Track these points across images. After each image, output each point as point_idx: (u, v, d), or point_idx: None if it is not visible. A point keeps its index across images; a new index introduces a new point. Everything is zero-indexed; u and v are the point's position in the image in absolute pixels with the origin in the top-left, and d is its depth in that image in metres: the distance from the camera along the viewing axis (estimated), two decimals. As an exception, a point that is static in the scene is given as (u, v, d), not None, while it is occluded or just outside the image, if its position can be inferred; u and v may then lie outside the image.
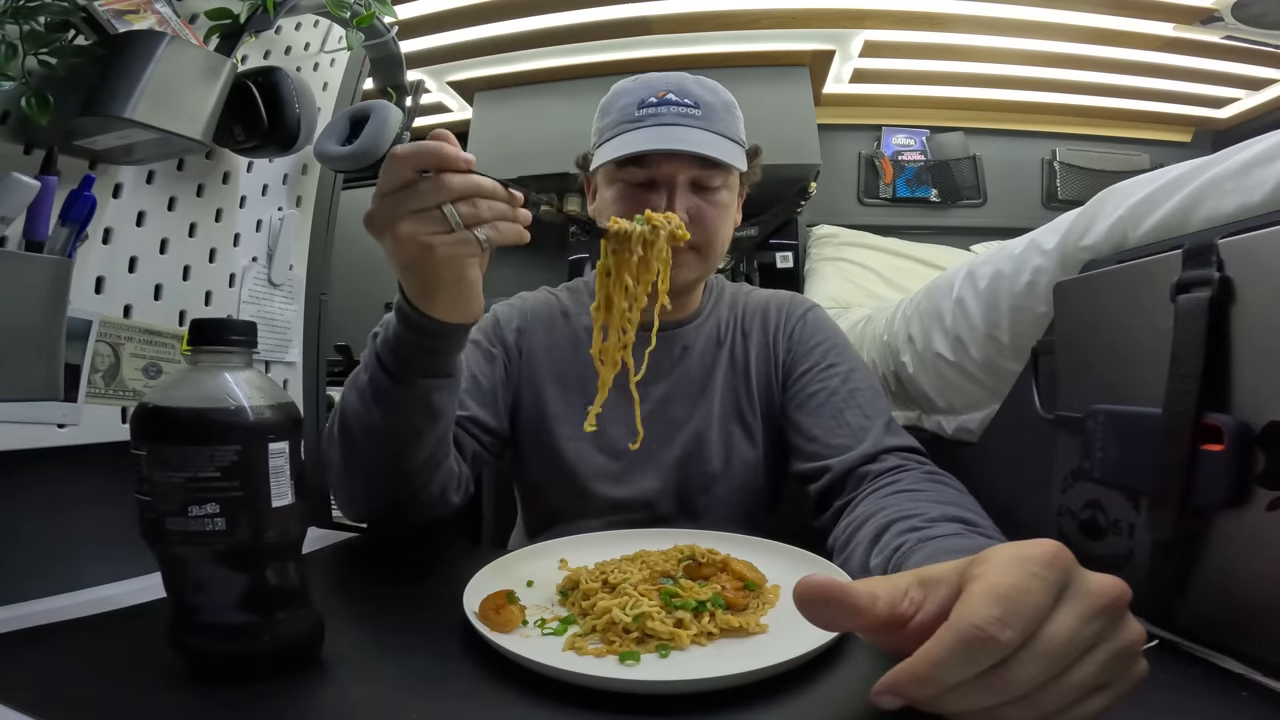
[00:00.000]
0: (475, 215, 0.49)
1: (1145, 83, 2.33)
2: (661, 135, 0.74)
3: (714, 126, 0.76)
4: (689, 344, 0.84)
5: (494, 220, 0.50)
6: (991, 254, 0.82)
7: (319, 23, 0.82)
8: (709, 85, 0.80)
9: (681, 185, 0.75)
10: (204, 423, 0.37)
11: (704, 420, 0.80)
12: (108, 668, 0.42)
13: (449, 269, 0.52)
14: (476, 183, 0.49)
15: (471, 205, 0.49)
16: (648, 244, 0.59)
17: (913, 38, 2.13)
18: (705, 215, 0.76)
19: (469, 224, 0.49)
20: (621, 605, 0.45)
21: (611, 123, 0.78)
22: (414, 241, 0.49)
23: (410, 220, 0.49)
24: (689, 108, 0.75)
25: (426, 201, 0.48)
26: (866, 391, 0.76)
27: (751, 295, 0.90)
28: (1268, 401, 0.37)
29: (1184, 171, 0.54)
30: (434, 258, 0.50)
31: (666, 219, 0.60)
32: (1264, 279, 0.38)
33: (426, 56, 2.23)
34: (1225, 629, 0.39)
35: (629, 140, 0.74)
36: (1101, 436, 0.48)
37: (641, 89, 0.77)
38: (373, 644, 0.46)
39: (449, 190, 0.48)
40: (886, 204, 2.66)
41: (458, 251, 0.50)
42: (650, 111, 0.75)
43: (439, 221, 0.48)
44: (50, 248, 0.55)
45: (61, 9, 0.53)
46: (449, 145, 0.48)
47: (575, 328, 0.85)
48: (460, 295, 0.54)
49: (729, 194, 0.79)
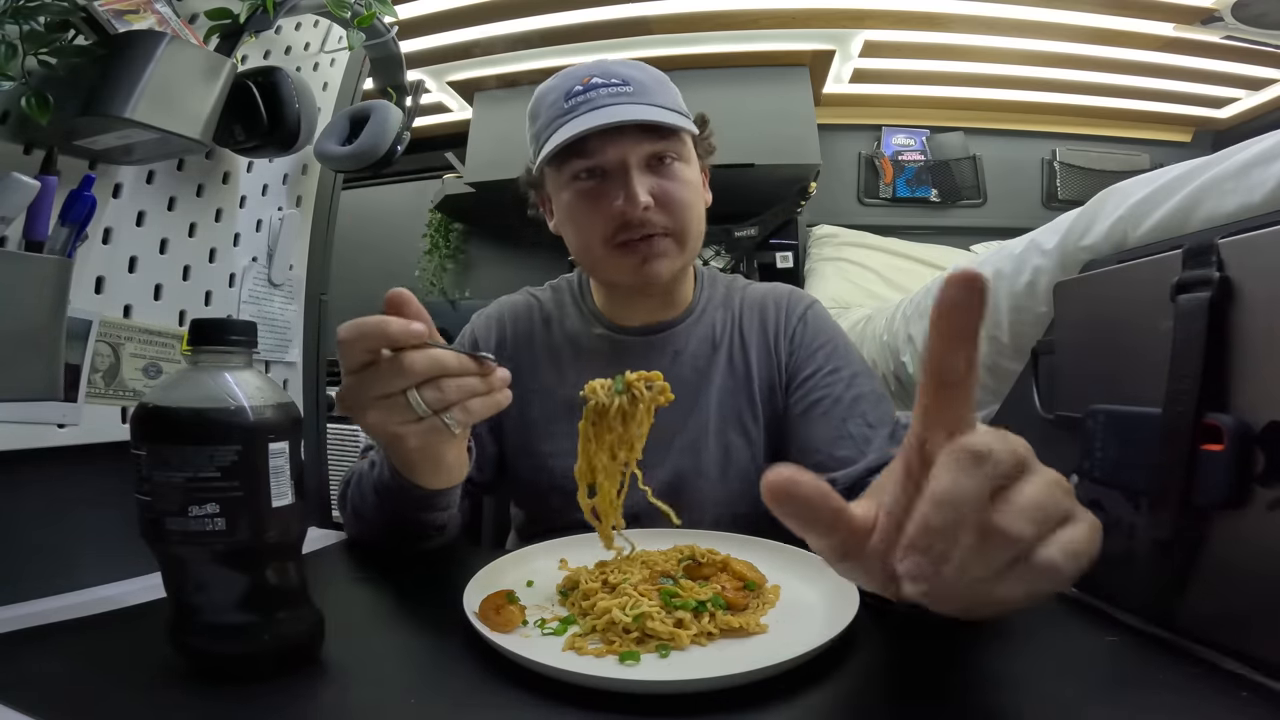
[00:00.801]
0: (442, 400, 0.45)
1: (1145, 83, 2.33)
2: (596, 116, 0.69)
3: (650, 99, 0.71)
4: (680, 348, 0.79)
5: (463, 400, 0.46)
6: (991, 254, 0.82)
7: (319, 23, 0.82)
8: (636, 64, 0.75)
9: (636, 167, 0.70)
10: (204, 423, 0.37)
11: (698, 430, 0.76)
12: (108, 668, 0.42)
13: (422, 454, 0.50)
14: (440, 362, 0.45)
15: (437, 389, 0.45)
16: (626, 417, 0.54)
17: (913, 38, 2.14)
18: (670, 194, 0.71)
19: (436, 409, 0.45)
20: (621, 605, 0.45)
21: (542, 124, 0.73)
22: (383, 430, 0.47)
23: (376, 409, 0.45)
24: (619, 86, 0.71)
25: (389, 387, 0.45)
26: (870, 398, 0.74)
27: (747, 290, 0.85)
28: (1268, 401, 0.37)
29: (1184, 171, 0.54)
30: (405, 446, 0.48)
31: (647, 383, 0.55)
32: (1264, 279, 0.38)
33: (426, 56, 2.24)
34: (1225, 629, 0.39)
35: (564, 131, 0.69)
36: (1101, 436, 0.48)
37: (564, 81, 0.73)
38: (373, 644, 0.46)
39: (410, 374, 0.44)
40: (886, 204, 2.66)
41: (428, 440, 0.47)
42: (579, 100, 0.70)
43: (405, 409, 0.45)
44: (50, 248, 0.55)
45: (61, 9, 0.53)
46: (394, 322, 0.44)
47: (557, 337, 0.82)
48: (441, 470, 0.53)
49: (689, 167, 0.75)
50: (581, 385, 0.82)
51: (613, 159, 0.70)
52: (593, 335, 0.81)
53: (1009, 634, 0.45)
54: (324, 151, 0.78)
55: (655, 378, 0.55)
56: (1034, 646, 0.44)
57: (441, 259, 2.92)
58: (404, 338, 0.44)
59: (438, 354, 0.45)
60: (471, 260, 2.98)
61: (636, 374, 0.55)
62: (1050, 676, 0.39)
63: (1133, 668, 0.40)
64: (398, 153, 0.78)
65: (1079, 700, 0.36)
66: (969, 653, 0.42)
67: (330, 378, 0.92)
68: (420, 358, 0.45)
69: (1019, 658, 0.42)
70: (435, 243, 2.90)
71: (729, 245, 2.26)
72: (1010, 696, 0.38)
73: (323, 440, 0.92)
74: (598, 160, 0.70)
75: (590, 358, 0.80)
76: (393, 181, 2.94)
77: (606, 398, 0.54)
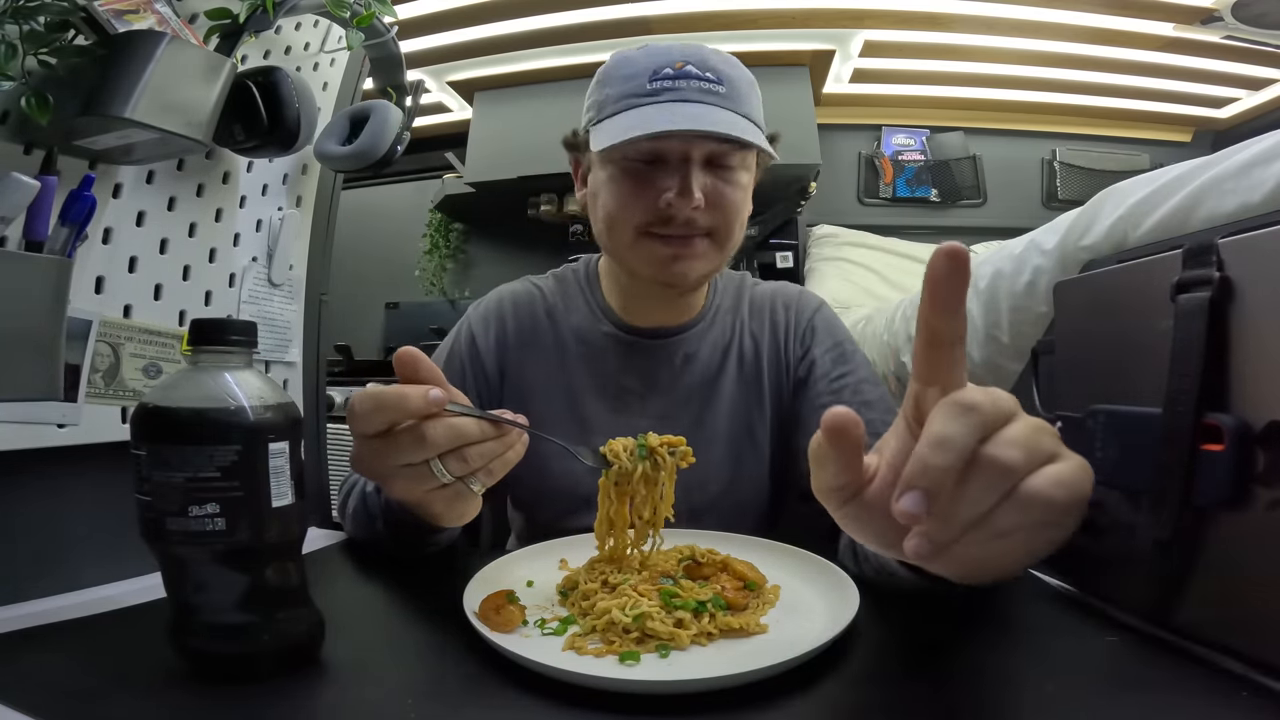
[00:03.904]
0: (465, 469, 0.45)
1: (1145, 83, 2.33)
2: (683, 113, 0.64)
3: (740, 107, 0.67)
4: (691, 352, 0.77)
5: (485, 465, 0.46)
6: (991, 254, 0.82)
7: (319, 23, 0.82)
8: (730, 59, 0.70)
9: (696, 163, 0.66)
10: (204, 423, 0.37)
11: (707, 438, 0.74)
12: (108, 668, 0.42)
13: (447, 512, 0.50)
14: (461, 433, 0.44)
15: (460, 459, 0.44)
16: (649, 481, 0.54)
17: (913, 38, 2.14)
18: (724, 198, 0.67)
19: (459, 476, 0.45)
20: (621, 605, 0.45)
21: (616, 94, 0.67)
22: (408, 497, 0.47)
23: (401, 478, 0.45)
24: (712, 83, 0.66)
25: (411, 458, 0.44)
26: (878, 405, 0.73)
27: (756, 290, 0.83)
28: (1268, 401, 0.37)
29: (1184, 171, 0.54)
30: (430, 509, 0.49)
31: (670, 448, 0.54)
32: (1264, 279, 0.38)
33: (426, 56, 2.24)
34: (1225, 629, 0.39)
35: (643, 116, 0.64)
36: (1101, 436, 0.48)
37: (653, 58, 0.67)
38: (373, 644, 0.46)
39: (432, 446, 0.43)
40: (886, 204, 2.66)
41: (454, 505, 0.48)
42: (666, 85, 0.65)
43: (429, 478, 0.44)
44: (50, 248, 0.55)
45: (61, 9, 0.53)
46: (413, 395, 0.43)
47: (561, 332, 0.79)
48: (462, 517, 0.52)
49: (747, 175, 0.70)
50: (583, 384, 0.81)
51: (675, 149, 0.66)
52: (600, 333, 0.79)
53: (1009, 634, 0.45)
54: (324, 151, 0.78)
55: (678, 443, 0.55)
56: (1033, 646, 0.44)
57: (441, 259, 2.92)
58: (427, 410, 0.43)
59: (459, 425, 0.44)
60: (471, 260, 2.98)
61: (660, 438, 0.54)
62: (1050, 676, 0.39)
63: (1132, 668, 0.40)
64: (398, 153, 0.78)
65: (1078, 700, 0.36)
66: (968, 652, 0.42)
67: (331, 378, 0.92)
68: (442, 430, 0.43)
69: (1018, 657, 0.42)
70: (435, 242, 2.90)
71: (740, 239, 2.26)
72: (1010, 696, 0.38)
73: (323, 440, 0.92)
74: (659, 148, 0.66)
75: (597, 356, 0.78)
76: (393, 181, 2.95)
77: (630, 462, 0.53)
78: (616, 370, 0.78)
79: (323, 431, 0.92)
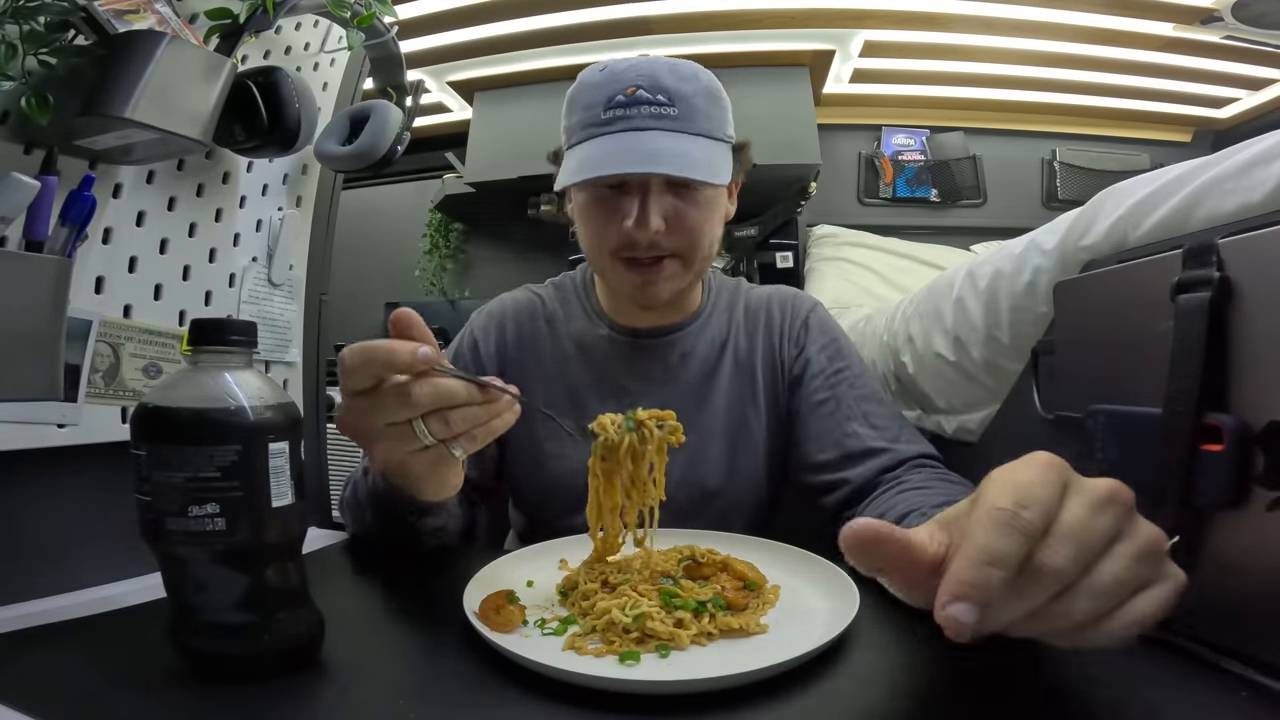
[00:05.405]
0: (448, 431, 0.45)
1: (1145, 83, 2.32)
2: (631, 146, 0.65)
3: (693, 127, 0.67)
4: (688, 350, 0.79)
5: (468, 430, 0.46)
6: (991, 254, 0.82)
7: (319, 23, 0.82)
8: (685, 73, 0.69)
9: (656, 188, 0.68)
10: (204, 423, 0.37)
11: (704, 433, 0.76)
12: (108, 668, 0.42)
13: (427, 477, 0.50)
14: (447, 394, 0.44)
15: (443, 421, 0.44)
16: (637, 455, 0.53)
17: (913, 38, 2.13)
18: (685, 220, 0.69)
19: (441, 439, 0.45)
20: (621, 605, 0.45)
21: (578, 123, 0.70)
22: (390, 458, 0.47)
23: (383, 439, 0.45)
24: (663, 106, 0.66)
25: (394, 416, 0.44)
26: (873, 399, 0.74)
27: (751, 293, 0.86)
28: (1268, 401, 0.37)
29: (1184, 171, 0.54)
30: (410, 471, 0.49)
31: (658, 421, 0.53)
32: (1264, 279, 0.38)
33: (426, 56, 2.23)
34: (1225, 629, 0.39)
35: (595, 150, 0.66)
36: (1101, 436, 0.48)
37: (609, 83, 0.68)
38: (373, 644, 0.46)
39: (416, 405, 0.43)
40: (886, 204, 2.65)
41: (435, 468, 0.48)
42: (619, 114, 0.66)
43: (410, 438, 0.44)
44: (50, 248, 0.55)
45: (61, 9, 0.53)
46: (402, 348, 0.43)
47: (560, 337, 0.81)
48: (441, 486, 0.53)
49: (712, 190, 0.72)
50: (584, 385, 0.82)
51: (636, 176, 0.67)
52: (598, 336, 0.80)
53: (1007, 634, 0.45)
54: (324, 151, 0.78)
55: (668, 416, 0.54)
56: (1033, 646, 0.44)
57: (441, 259, 2.92)
58: (413, 365, 0.43)
59: (445, 385, 0.44)
60: (471, 260, 2.98)
61: (648, 412, 0.54)
62: (1049, 676, 0.39)
63: (1132, 667, 0.40)
64: (398, 153, 0.78)
65: (1078, 700, 0.36)
66: (968, 653, 0.42)
67: (330, 378, 0.92)
68: (427, 389, 0.43)
69: (1018, 657, 0.42)
70: (435, 243, 2.90)
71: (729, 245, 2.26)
72: (1009, 696, 0.38)
73: (323, 440, 0.92)
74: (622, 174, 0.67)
75: (596, 358, 0.80)
76: (393, 181, 2.94)
77: (616, 434, 0.53)
78: (616, 370, 0.79)
79: (323, 431, 0.92)
